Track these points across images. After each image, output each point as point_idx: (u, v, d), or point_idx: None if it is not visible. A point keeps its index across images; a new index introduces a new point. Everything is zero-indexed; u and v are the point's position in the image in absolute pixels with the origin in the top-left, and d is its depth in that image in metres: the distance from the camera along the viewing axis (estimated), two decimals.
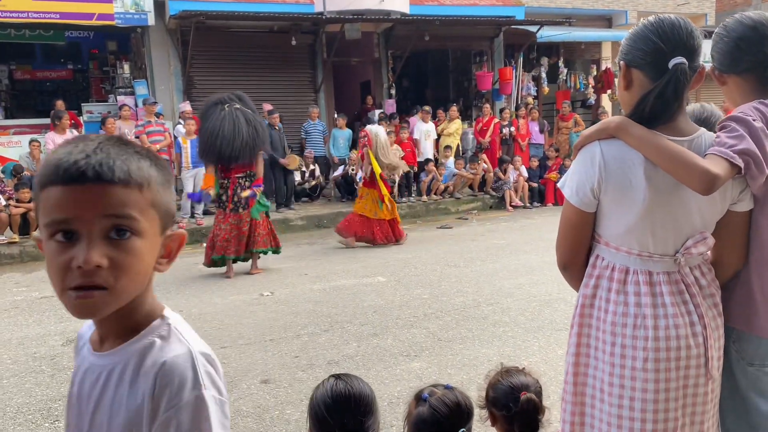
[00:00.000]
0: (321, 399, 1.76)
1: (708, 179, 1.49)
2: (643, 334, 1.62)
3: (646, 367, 1.61)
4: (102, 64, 14.39)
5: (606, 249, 1.68)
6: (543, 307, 5.32)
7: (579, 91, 15.77)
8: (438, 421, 1.76)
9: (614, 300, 1.66)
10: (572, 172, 1.69)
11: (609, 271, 1.68)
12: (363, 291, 6.15)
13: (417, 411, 1.81)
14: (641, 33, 1.63)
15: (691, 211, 1.61)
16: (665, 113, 1.58)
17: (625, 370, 1.63)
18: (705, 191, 1.51)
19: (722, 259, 1.74)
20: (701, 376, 1.64)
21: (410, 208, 11.38)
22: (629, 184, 1.58)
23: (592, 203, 1.65)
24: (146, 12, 11.16)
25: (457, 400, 1.81)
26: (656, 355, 1.60)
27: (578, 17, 14.56)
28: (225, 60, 12.24)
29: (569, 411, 1.75)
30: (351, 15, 11.61)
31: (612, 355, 1.65)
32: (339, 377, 1.82)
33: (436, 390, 1.86)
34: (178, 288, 6.62)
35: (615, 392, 1.65)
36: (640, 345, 1.62)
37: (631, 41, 1.66)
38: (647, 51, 1.60)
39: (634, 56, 1.64)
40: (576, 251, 1.74)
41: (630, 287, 1.64)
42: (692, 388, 1.64)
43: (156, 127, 9.76)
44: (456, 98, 15.01)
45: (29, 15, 10.52)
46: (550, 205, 12.10)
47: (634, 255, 1.64)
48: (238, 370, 4.21)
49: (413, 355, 4.34)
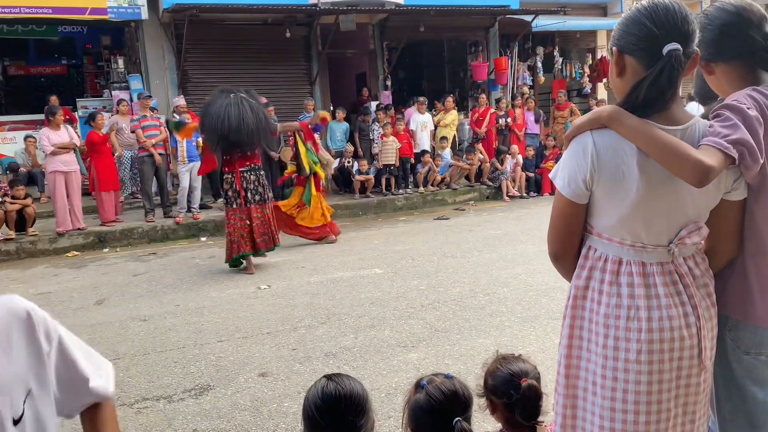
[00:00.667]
0: (312, 400, 1.76)
1: (701, 171, 1.46)
2: (637, 325, 1.60)
3: (639, 359, 1.59)
4: (96, 59, 14.32)
5: (598, 240, 1.66)
6: (540, 297, 5.33)
7: (575, 80, 15.73)
8: (433, 409, 1.75)
9: (607, 291, 1.63)
10: (564, 163, 1.66)
11: (602, 262, 1.65)
12: (360, 283, 6.15)
13: (414, 398, 1.82)
14: (634, 18, 1.59)
15: (685, 201, 1.59)
16: (659, 101, 1.55)
17: (619, 362, 1.61)
18: (698, 183, 1.48)
19: (716, 247, 1.73)
20: (694, 366, 1.63)
21: (407, 200, 11.38)
22: (622, 174, 1.56)
23: (584, 194, 1.62)
24: (139, 6, 11.09)
25: (455, 389, 1.81)
26: (650, 347, 1.59)
27: (573, 6, 14.50)
28: (219, 53, 12.18)
29: (561, 404, 1.73)
30: (345, 6, 11.55)
31: (605, 347, 1.63)
32: (330, 378, 1.80)
33: (435, 378, 1.86)
34: (175, 282, 6.61)
35: (608, 384, 1.63)
36: (633, 337, 1.60)
37: (623, 26, 1.61)
38: (640, 36, 1.56)
39: (626, 42, 1.60)
40: (568, 242, 1.71)
41: (623, 278, 1.62)
42: (685, 379, 1.63)
43: (151, 122, 9.71)
44: (452, 89, 14.98)
45: (21, 10, 10.44)
46: (546, 194, 12.09)
47: (627, 246, 1.62)
48: (235, 363, 4.22)
49: (410, 346, 4.35)
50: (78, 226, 8.91)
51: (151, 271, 7.24)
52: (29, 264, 8.13)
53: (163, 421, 3.44)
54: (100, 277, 7.11)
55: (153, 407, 3.63)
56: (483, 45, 14.58)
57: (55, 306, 5.94)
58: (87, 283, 6.87)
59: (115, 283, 6.78)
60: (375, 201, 11.12)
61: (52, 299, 6.22)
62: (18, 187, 8.80)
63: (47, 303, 6.06)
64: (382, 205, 11.13)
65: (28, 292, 6.56)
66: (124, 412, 3.57)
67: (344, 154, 11.72)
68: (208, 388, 3.84)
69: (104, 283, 6.78)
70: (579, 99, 15.73)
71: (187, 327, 5.06)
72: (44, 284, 6.95)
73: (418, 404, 1.79)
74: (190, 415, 3.50)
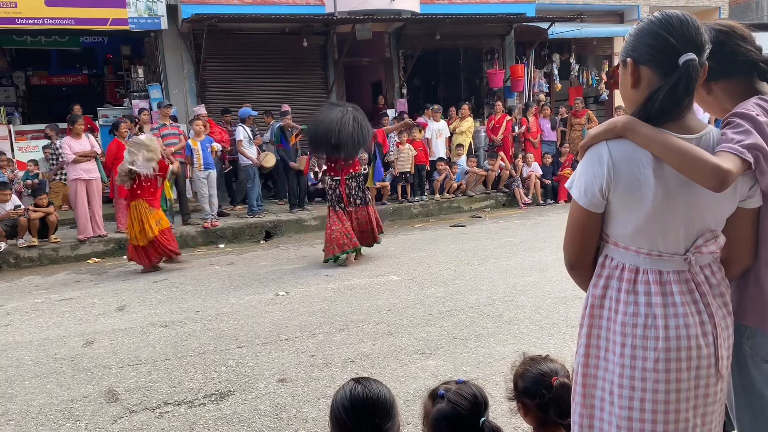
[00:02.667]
0: (340, 402, 1.78)
1: (720, 175, 1.47)
2: (654, 334, 1.60)
3: (657, 367, 1.59)
4: (117, 68, 14.57)
5: (615, 249, 1.67)
6: (557, 304, 5.32)
7: (591, 87, 15.66)
8: (460, 415, 1.76)
9: (624, 300, 1.64)
10: (580, 172, 1.67)
11: (619, 271, 1.66)
12: (377, 290, 6.18)
13: (436, 408, 1.81)
14: (649, 29, 1.60)
15: (702, 209, 1.60)
16: (675, 110, 1.57)
17: (636, 371, 1.61)
18: (717, 188, 1.49)
19: (731, 256, 1.73)
20: (712, 376, 1.62)
21: (423, 207, 11.40)
22: (638, 183, 1.57)
23: (600, 204, 1.63)
24: (159, 16, 11.27)
25: (473, 392, 1.82)
26: (667, 355, 1.59)
27: (589, 13, 14.46)
28: (238, 62, 12.33)
29: (578, 413, 1.73)
30: (362, 15, 11.63)
31: (622, 356, 1.63)
32: (358, 381, 1.83)
33: (450, 386, 1.87)
34: (194, 289, 6.69)
35: (625, 394, 1.62)
36: (650, 345, 1.60)
37: (638, 38, 1.63)
38: (657, 47, 1.58)
39: (642, 53, 1.61)
40: (584, 252, 1.72)
41: (640, 287, 1.63)
42: (703, 389, 1.62)
43: (171, 130, 9.84)
44: (468, 96, 15.00)
45: (45, 21, 10.66)
46: (563, 202, 12.06)
47: (644, 254, 1.62)
48: (255, 369, 4.26)
49: (428, 353, 4.37)
50: (99, 233, 9.04)
51: (170, 278, 7.33)
52: (52, 270, 8.26)
53: (184, 426, 3.49)
54: (120, 284, 7.21)
55: (174, 412, 3.68)
56: (499, 52, 14.59)
57: (77, 312, 6.04)
58: (108, 289, 6.97)
59: (135, 289, 6.88)
60: (391, 208, 11.16)
61: (74, 305, 6.32)
62: (41, 196, 8.96)
63: (70, 309, 6.16)
64: (398, 213, 11.16)
65: (51, 298, 6.67)
66: (146, 417, 3.63)
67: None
68: (228, 394, 3.88)
69: (125, 290, 6.87)
70: (596, 106, 15.65)
71: (207, 333, 5.12)
72: (66, 290, 7.06)
73: (442, 414, 1.79)
74: (211, 420, 3.55)
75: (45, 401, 3.95)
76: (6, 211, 8.54)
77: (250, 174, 10.48)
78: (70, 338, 5.20)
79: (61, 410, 3.80)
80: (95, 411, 3.75)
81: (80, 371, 4.42)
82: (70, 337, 5.22)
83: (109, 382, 4.18)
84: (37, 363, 4.65)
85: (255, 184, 10.56)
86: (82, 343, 5.06)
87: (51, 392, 4.08)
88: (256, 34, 12.31)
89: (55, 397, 3.99)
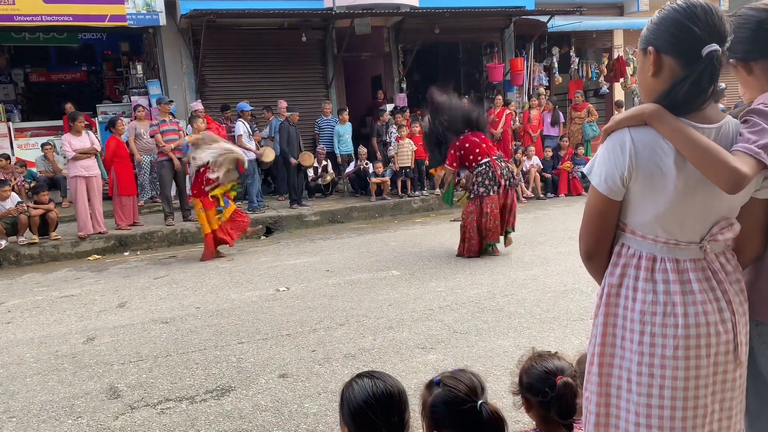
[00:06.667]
0: (362, 399, 1.74)
1: (736, 179, 1.49)
2: (673, 321, 1.60)
3: (676, 354, 1.59)
4: (115, 65, 14.55)
5: (632, 237, 1.66)
6: (558, 298, 5.32)
7: (591, 80, 15.63)
8: (457, 398, 1.75)
9: (642, 288, 1.64)
10: (600, 158, 1.65)
11: (636, 259, 1.66)
12: (378, 285, 6.18)
13: (433, 395, 1.80)
14: (672, 17, 1.58)
15: (720, 199, 1.60)
16: (699, 100, 1.56)
17: (655, 358, 1.61)
18: (731, 191, 1.51)
19: (742, 245, 1.73)
20: (730, 362, 1.63)
21: (423, 202, 11.39)
22: (659, 172, 1.57)
23: (620, 191, 1.62)
24: (158, 12, 11.23)
25: (469, 376, 1.81)
26: (686, 343, 1.59)
27: (589, 6, 14.40)
28: (237, 58, 12.31)
29: (594, 402, 1.72)
30: (360, 9, 11.61)
31: (641, 343, 1.63)
32: (371, 376, 1.80)
33: (445, 373, 1.86)
34: (195, 285, 6.69)
35: (644, 381, 1.62)
36: (670, 333, 1.60)
37: (661, 26, 1.61)
38: (681, 37, 1.56)
39: (665, 42, 1.59)
40: (602, 240, 1.71)
41: (658, 275, 1.63)
42: (722, 375, 1.63)
43: (171, 126, 9.82)
44: (467, 90, 14.96)
45: (43, 18, 10.62)
46: (563, 195, 12.05)
47: (661, 243, 1.62)
48: (256, 364, 4.26)
49: (429, 348, 4.37)
50: (99, 230, 9.04)
51: (171, 274, 7.33)
52: (52, 267, 8.26)
53: (186, 422, 3.49)
54: (121, 280, 7.21)
55: (176, 408, 3.69)
56: (498, 46, 14.55)
57: (78, 309, 6.05)
58: (109, 286, 6.98)
59: (136, 285, 6.88)
60: (391, 203, 11.16)
61: (75, 302, 6.33)
62: (41, 193, 8.96)
63: (70, 306, 6.17)
64: (398, 207, 11.16)
65: (52, 296, 6.67)
66: (147, 413, 3.63)
67: (359, 156, 11.76)
68: (229, 389, 3.89)
69: (126, 286, 6.88)
70: (596, 99, 15.61)
71: (207, 329, 5.12)
72: (67, 287, 7.06)
73: (439, 399, 1.78)
74: (212, 415, 3.55)
75: (46, 398, 3.95)
76: (6, 208, 8.54)
77: (250, 170, 10.48)
78: (71, 335, 5.21)
79: (63, 407, 3.81)
80: (97, 407, 3.76)
81: (81, 368, 4.43)
82: (71, 334, 5.23)
83: (111, 379, 4.19)
84: (39, 360, 4.66)
85: (255, 179, 10.56)
86: (83, 339, 5.07)
87: (52, 389, 4.09)
88: (255, 30, 12.27)
89: (57, 394, 4.00)
